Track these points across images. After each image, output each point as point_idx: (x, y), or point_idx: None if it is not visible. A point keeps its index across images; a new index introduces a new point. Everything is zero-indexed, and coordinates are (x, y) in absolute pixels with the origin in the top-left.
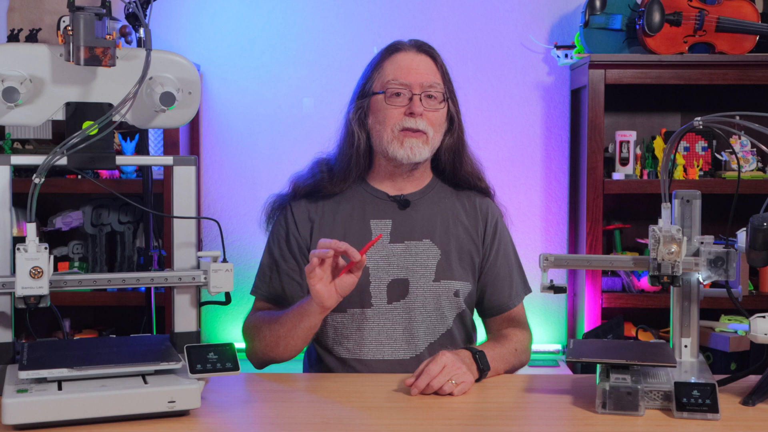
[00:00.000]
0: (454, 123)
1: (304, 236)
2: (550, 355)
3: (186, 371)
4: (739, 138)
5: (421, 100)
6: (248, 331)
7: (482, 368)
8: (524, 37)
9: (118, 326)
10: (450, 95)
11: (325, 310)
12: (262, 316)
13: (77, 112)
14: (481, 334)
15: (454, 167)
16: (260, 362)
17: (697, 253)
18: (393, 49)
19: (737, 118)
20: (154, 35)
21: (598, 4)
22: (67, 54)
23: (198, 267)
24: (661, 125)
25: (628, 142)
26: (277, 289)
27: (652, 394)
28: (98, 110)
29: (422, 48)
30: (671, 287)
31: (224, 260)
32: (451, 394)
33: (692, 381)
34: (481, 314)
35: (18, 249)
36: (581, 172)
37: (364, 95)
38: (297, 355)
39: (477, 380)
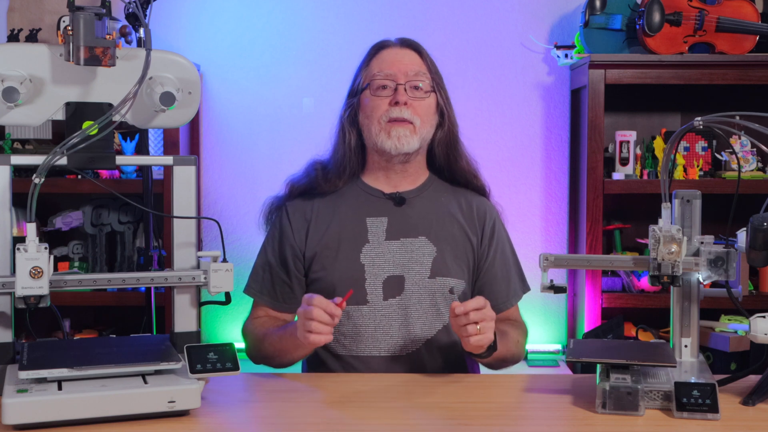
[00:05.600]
0: (444, 116)
1: (299, 239)
2: (550, 355)
3: (186, 371)
4: (739, 138)
5: (405, 90)
6: (247, 336)
7: (491, 346)
8: (524, 37)
9: (118, 326)
10: (438, 87)
11: None
12: (261, 330)
13: (77, 112)
14: None
15: (448, 161)
16: (258, 363)
17: (697, 253)
18: (379, 46)
19: (737, 118)
20: (154, 35)
21: (598, 4)
22: (67, 54)
23: (198, 267)
24: (661, 125)
25: (628, 142)
26: (269, 289)
27: (652, 394)
28: (98, 110)
29: (407, 43)
30: (671, 287)
31: (224, 260)
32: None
33: (692, 381)
34: None
35: (18, 249)
36: (581, 172)
37: (354, 94)
38: (295, 363)
39: (479, 355)
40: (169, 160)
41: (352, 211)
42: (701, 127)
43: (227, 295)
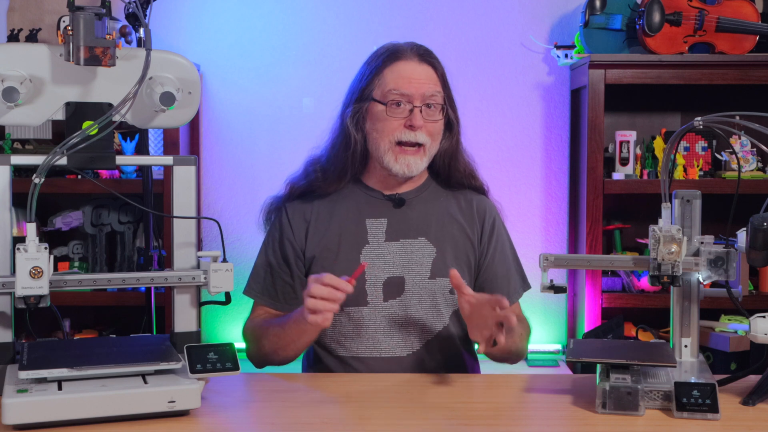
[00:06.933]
0: (452, 129)
1: (299, 239)
2: (550, 355)
3: (186, 371)
4: (739, 138)
5: (421, 111)
6: (248, 335)
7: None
8: (524, 37)
9: (118, 326)
10: (449, 103)
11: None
12: (262, 324)
13: (77, 112)
14: None
15: (449, 169)
16: (260, 364)
17: (697, 253)
18: (394, 56)
19: (737, 118)
20: (154, 35)
21: (598, 4)
22: (67, 54)
23: (198, 267)
24: (661, 125)
25: (628, 142)
26: (270, 290)
27: (652, 394)
28: (98, 110)
29: (424, 57)
30: (671, 287)
31: (224, 260)
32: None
33: (692, 381)
34: None
35: (18, 249)
36: (581, 172)
37: (363, 99)
38: (297, 358)
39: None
40: (169, 160)
41: (352, 212)
42: (701, 127)
43: (227, 295)
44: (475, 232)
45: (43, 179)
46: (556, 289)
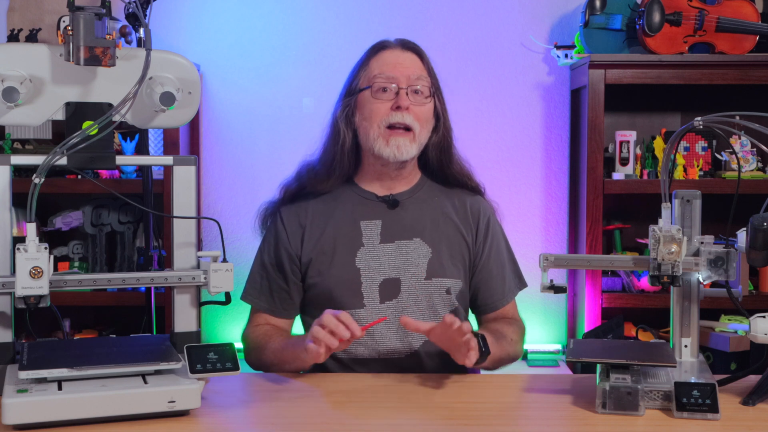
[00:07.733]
0: (440, 120)
1: (294, 244)
2: (550, 355)
3: (186, 371)
4: (739, 138)
5: (407, 94)
6: (247, 345)
7: (483, 351)
8: (524, 37)
9: (118, 326)
10: (436, 92)
11: None
12: (260, 339)
13: (77, 112)
14: None
15: (441, 165)
16: (257, 370)
17: (697, 253)
18: (379, 47)
19: (737, 118)
20: (154, 35)
21: (598, 4)
22: (67, 54)
23: (198, 267)
24: (661, 125)
25: (628, 142)
26: (267, 295)
27: (652, 394)
28: (98, 110)
29: (408, 45)
30: (671, 287)
31: (224, 260)
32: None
33: (692, 381)
34: (474, 311)
35: (18, 249)
36: (581, 172)
37: (351, 93)
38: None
39: (478, 363)
40: (169, 160)
41: (346, 215)
42: (701, 127)
43: (227, 295)
44: (470, 232)
45: (43, 179)
46: (556, 289)
